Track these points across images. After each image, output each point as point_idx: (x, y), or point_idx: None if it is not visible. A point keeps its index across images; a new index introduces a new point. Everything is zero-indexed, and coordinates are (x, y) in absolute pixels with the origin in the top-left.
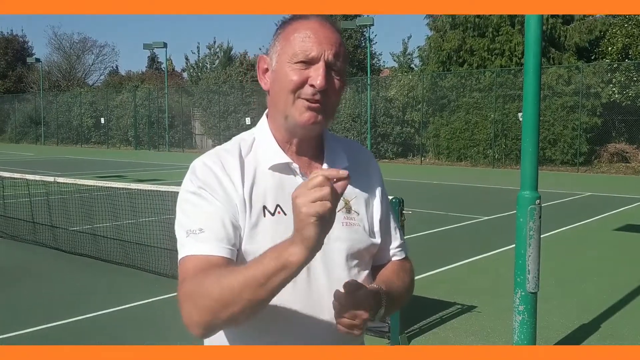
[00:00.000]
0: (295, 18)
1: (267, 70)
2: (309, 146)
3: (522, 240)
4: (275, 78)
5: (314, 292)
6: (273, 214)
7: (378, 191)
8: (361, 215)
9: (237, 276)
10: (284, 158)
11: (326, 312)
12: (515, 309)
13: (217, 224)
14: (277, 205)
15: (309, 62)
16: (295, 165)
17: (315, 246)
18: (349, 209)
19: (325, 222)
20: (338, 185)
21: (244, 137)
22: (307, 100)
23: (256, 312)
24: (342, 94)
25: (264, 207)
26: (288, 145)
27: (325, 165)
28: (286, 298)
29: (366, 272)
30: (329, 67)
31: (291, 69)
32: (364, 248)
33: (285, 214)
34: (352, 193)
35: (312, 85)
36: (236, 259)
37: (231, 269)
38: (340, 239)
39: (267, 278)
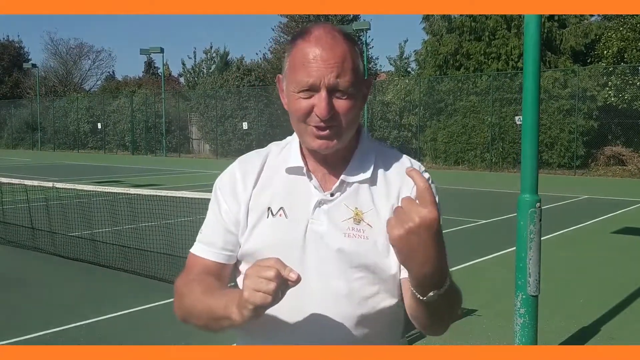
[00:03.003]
0: (299, 35)
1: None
2: (336, 155)
3: (523, 243)
4: (287, 103)
5: (305, 301)
6: (274, 215)
7: None
8: (375, 229)
9: (204, 300)
10: (298, 162)
11: (316, 322)
12: (516, 312)
13: (211, 229)
14: (281, 208)
15: (311, 90)
16: (306, 170)
17: (250, 319)
18: (358, 221)
19: (263, 308)
20: (292, 282)
21: (280, 141)
22: (316, 127)
23: (215, 332)
24: (364, 102)
25: (269, 209)
26: (312, 153)
27: (343, 176)
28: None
29: (374, 287)
30: (332, 91)
31: (296, 99)
32: (373, 263)
33: (286, 217)
34: (369, 205)
35: (316, 114)
36: (236, 259)
37: (206, 287)
38: (340, 250)
39: (217, 318)
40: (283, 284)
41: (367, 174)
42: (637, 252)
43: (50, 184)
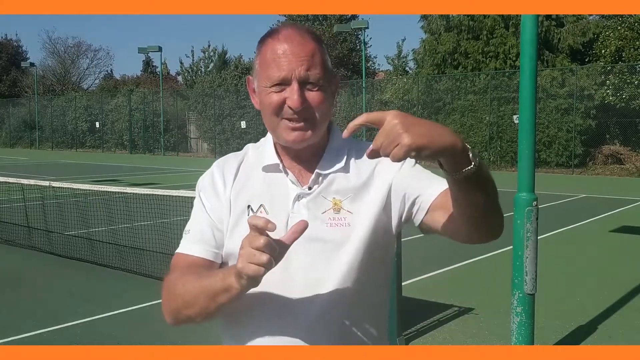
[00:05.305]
0: (268, 34)
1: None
2: (309, 151)
3: (520, 242)
4: (259, 101)
5: (292, 293)
6: (255, 213)
7: (386, 181)
8: (355, 214)
9: (198, 284)
10: (274, 159)
11: (301, 311)
12: (513, 310)
13: (199, 227)
14: (261, 205)
15: (283, 84)
16: (282, 166)
17: (248, 287)
18: (338, 210)
19: (256, 279)
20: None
21: (256, 143)
22: (290, 120)
23: (210, 318)
24: (334, 97)
25: (249, 206)
26: (285, 151)
27: (317, 169)
28: (260, 295)
29: (361, 272)
30: (303, 83)
31: (268, 93)
32: (359, 245)
33: (267, 213)
34: (347, 192)
35: (289, 106)
36: (222, 259)
37: (199, 274)
38: (322, 240)
39: (214, 294)
40: (279, 249)
41: (341, 164)
42: (635, 250)
43: (46, 183)
